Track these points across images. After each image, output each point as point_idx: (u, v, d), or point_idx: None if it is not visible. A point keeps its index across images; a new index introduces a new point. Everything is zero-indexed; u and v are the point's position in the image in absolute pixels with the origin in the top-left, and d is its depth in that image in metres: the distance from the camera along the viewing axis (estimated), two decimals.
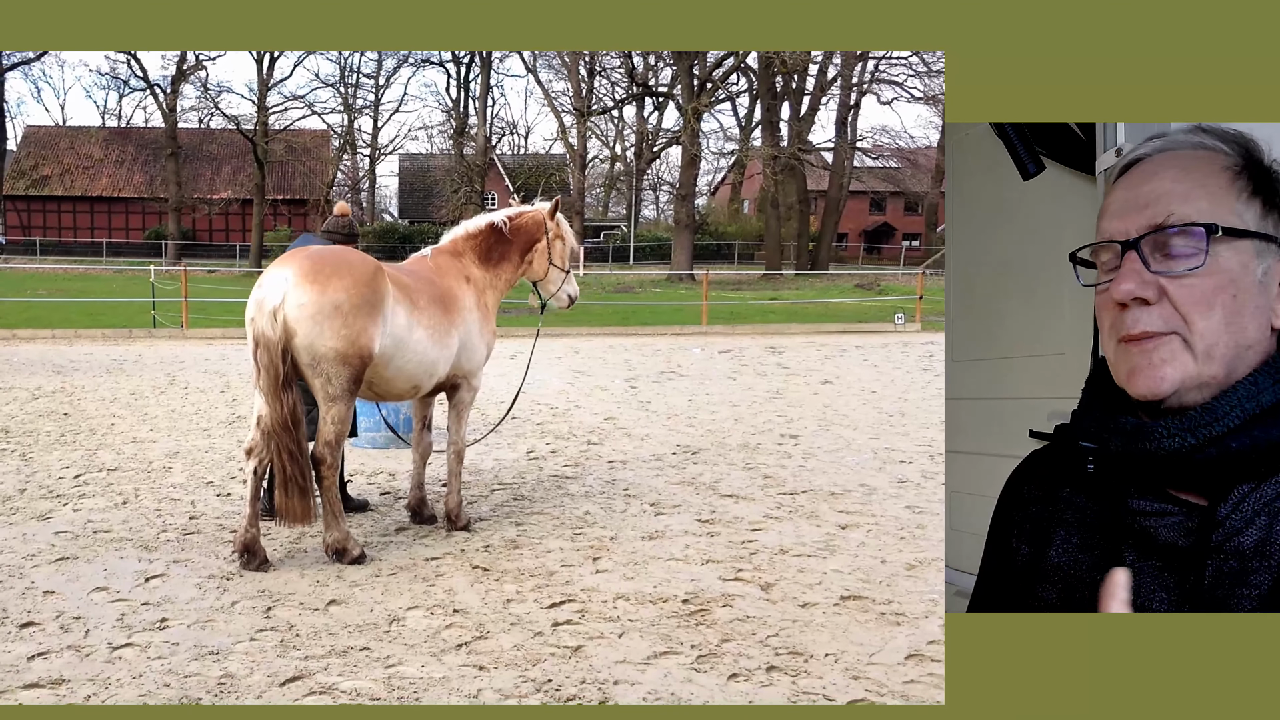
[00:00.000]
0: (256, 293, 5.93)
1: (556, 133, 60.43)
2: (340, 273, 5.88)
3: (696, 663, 4.71)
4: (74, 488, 8.06)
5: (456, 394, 7.01)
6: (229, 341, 22.13)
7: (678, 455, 9.81)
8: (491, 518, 7.27)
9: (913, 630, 5.18)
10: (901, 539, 6.84)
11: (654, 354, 18.32)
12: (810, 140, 53.55)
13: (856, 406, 13.32)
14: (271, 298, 5.83)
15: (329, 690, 4.35)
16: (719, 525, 7.14)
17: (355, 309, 5.85)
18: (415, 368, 6.39)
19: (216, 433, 10.78)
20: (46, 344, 21.02)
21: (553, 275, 7.49)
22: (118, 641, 4.87)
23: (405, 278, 6.45)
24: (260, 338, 5.84)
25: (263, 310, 5.84)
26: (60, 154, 63.04)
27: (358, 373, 5.97)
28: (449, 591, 5.66)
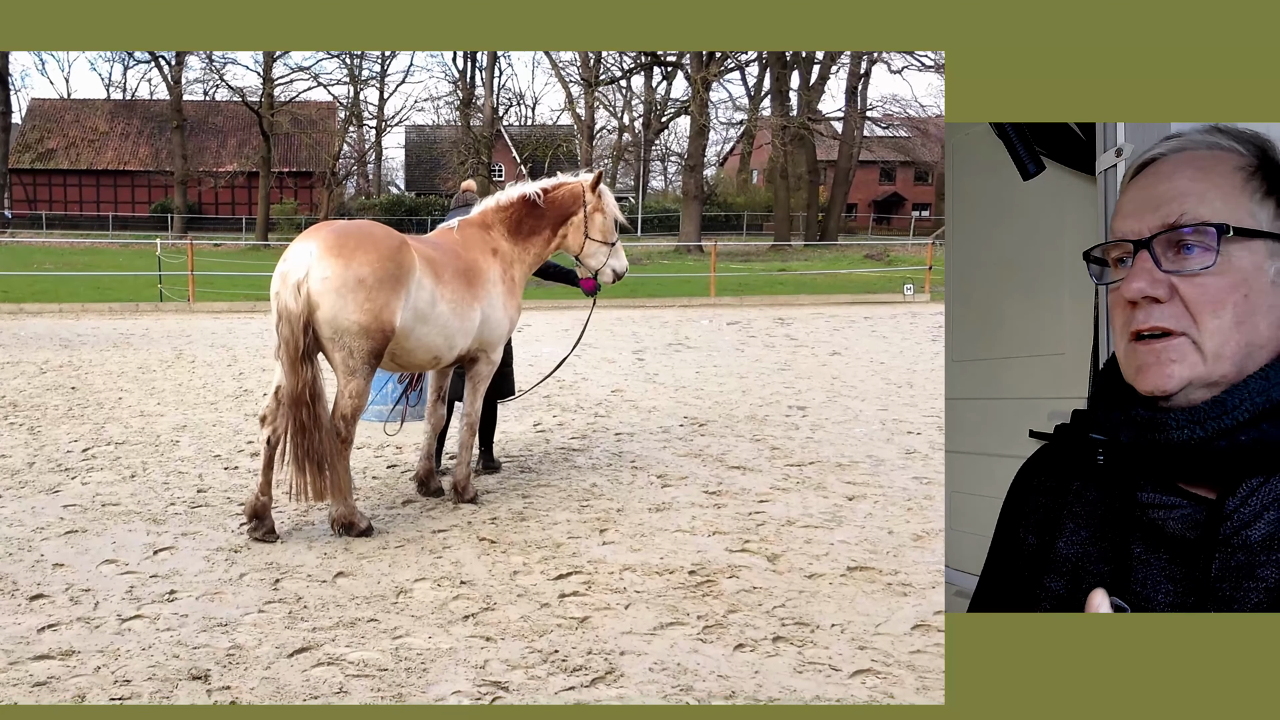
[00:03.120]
0: (281, 265, 5.96)
1: (564, 103, 60.41)
2: (365, 246, 5.90)
3: (703, 633, 4.72)
4: (82, 461, 8.09)
5: (475, 366, 7.00)
6: (235, 315, 22.16)
7: (685, 427, 9.81)
8: (498, 490, 7.29)
9: (919, 601, 5.19)
10: (909, 510, 6.84)
11: (662, 326, 18.31)
12: (820, 110, 53.37)
13: (865, 378, 13.30)
14: (295, 271, 5.85)
15: (337, 661, 4.37)
16: (726, 497, 7.15)
17: (379, 283, 5.87)
18: (437, 340, 6.40)
19: (224, 406, 10.80)
20: (53, 318, 21.06)
21: (590, 249, 7.37)
22: (127, 613, 4.90)
23: (431, 250, 6.45)
24: (283, 310, 5.86)
25: (286, 283, 5.86)
26: (65, 127, 62.96)
27: (379, 347, 5.99)
28: (456, 563, 5.67)
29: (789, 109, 50.81)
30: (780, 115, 50.26)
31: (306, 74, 57.71)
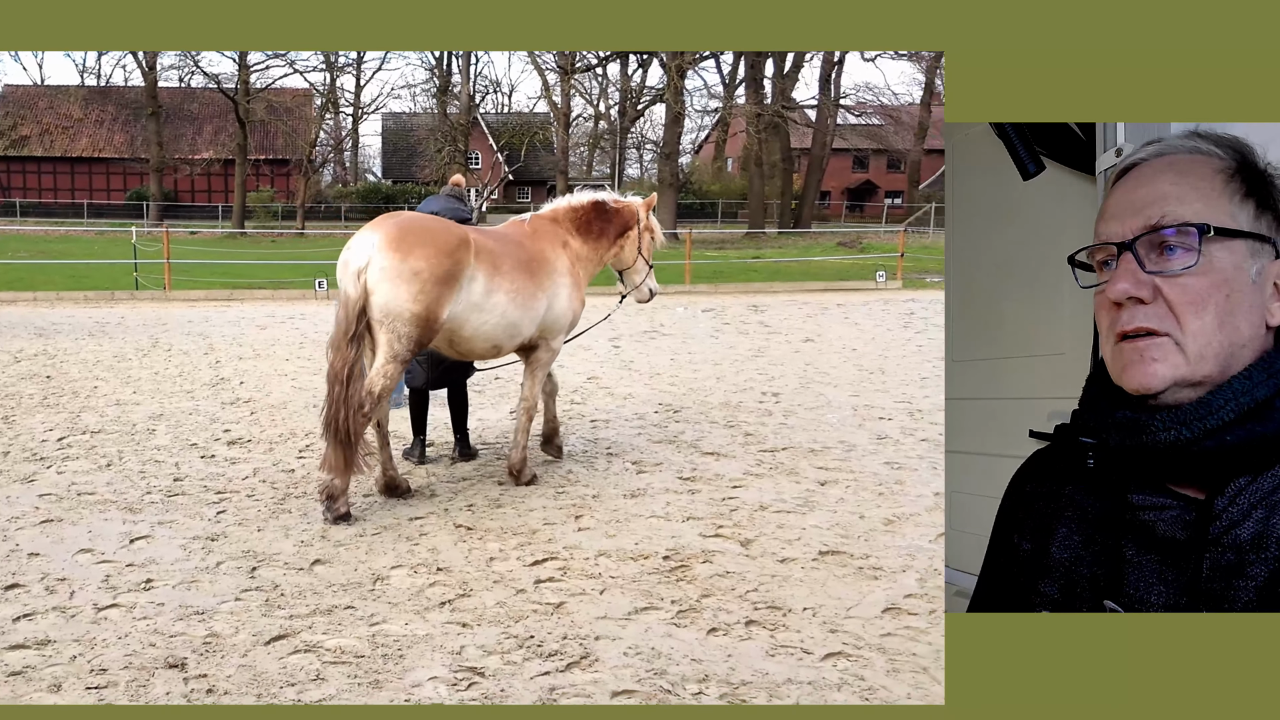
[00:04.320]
0: (345, 254, 6.36)
1: (540, 91, 60.34)
2: (424, 242, 6.27)
3: (676, 618, 4.78)
4: (58, 450, 8.08)
5: (535, 354, 7.30)
6: (212, 304, 22.10)
7: (660, 414, 9.87)
8: (475, 477, 7.32)
9: (890, 584, 5.26)
10: (880, 495, 6.91)
11: (637, 313, 18.31)
12: (794, 97, 53.44)
13: (837, 364, 13.38)
14: (357, 259, 6.24)
15: (314, 648, 4.40)
16: (700, 483, 7.21)
17: (433, 277, 6.22)
18: (494, 330, 6.72)
19: (200, 395, 10.79)
20: (28, 306, 20.95)
21: (639, 266, 7.94)
22: (103, 602, 4.92)
23: (493, 243, 6.75)
24: (343, 294, 6.28)
25: (348, 270, 6.27)
26: (39, 114, 62.35)
27: (426, 336, 6.36)
28: (433, 550, 5.71)
29: (763, 97, 50.86)
30: (755, 103, 50.33)
31: (282, 61, 57.03)
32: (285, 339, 15.89)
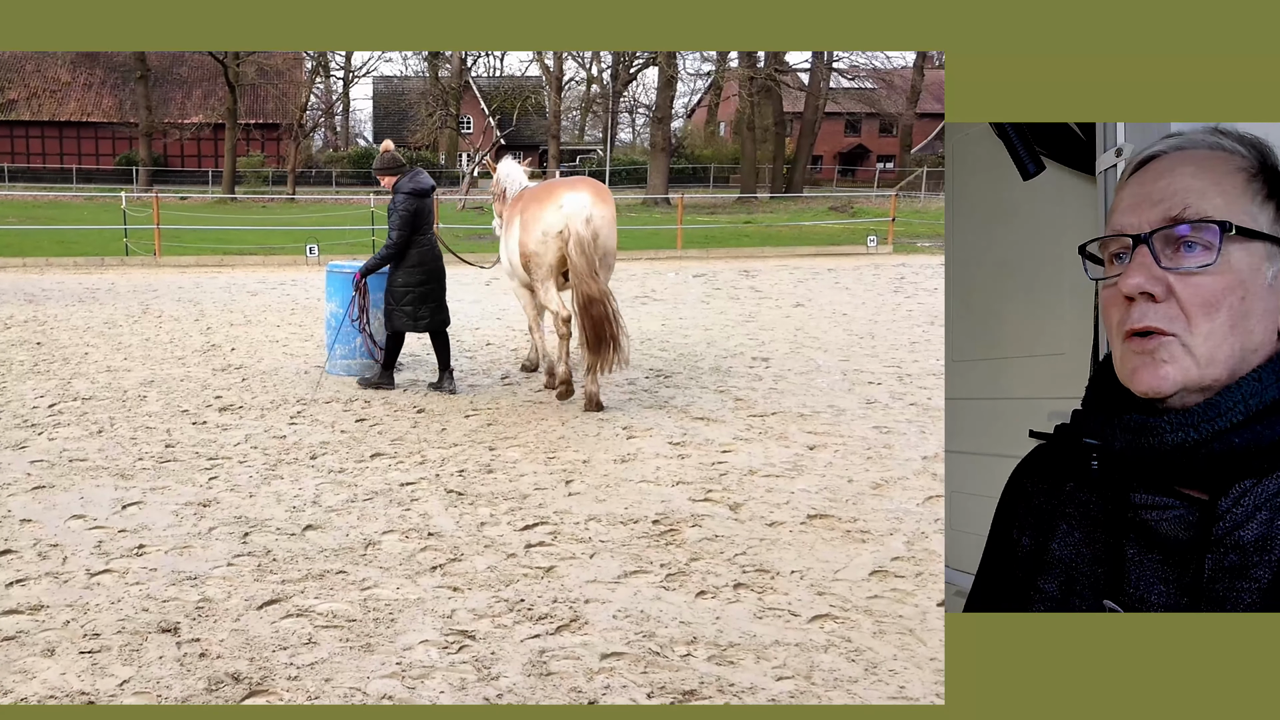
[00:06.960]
0: (564, 209, 8.31)
1: (532, 55, 59.79)
2: (609, 198, 8.64)
3: (665, 581, 4.82)
4: (49, 417, 8.09)
5: None
6: (202, 270, 22.04)
7: (650, 379, 9.90)
8: (466, 443, 7.35)
9: (877, 547, 5.31)
10: (868, 459, 6.96)
11: (629, 278, 18.31)
12: (786, 61, 53.16)
13: (827, 329, 13.42)
14: (581, 211, 8.27)
15: (306, 613, 4.44)
16: (690, 447, 7.25)
17: (614, 220, 8.59)
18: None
19: (191, 361, 10.79)
20: (18, 272, 20.87)
21: None
22: (96, 568, 4.95)
23: None
24: (577, 238, 8.19)
25: (576, 219, 8.25)
26: (26, 77, 61.82)
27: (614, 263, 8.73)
28: (424, 515, 5.75)
29: (756, 60, 50.62)
30: (747, 67, 50.13)
31: None
32: (276, 305, 15.86)
